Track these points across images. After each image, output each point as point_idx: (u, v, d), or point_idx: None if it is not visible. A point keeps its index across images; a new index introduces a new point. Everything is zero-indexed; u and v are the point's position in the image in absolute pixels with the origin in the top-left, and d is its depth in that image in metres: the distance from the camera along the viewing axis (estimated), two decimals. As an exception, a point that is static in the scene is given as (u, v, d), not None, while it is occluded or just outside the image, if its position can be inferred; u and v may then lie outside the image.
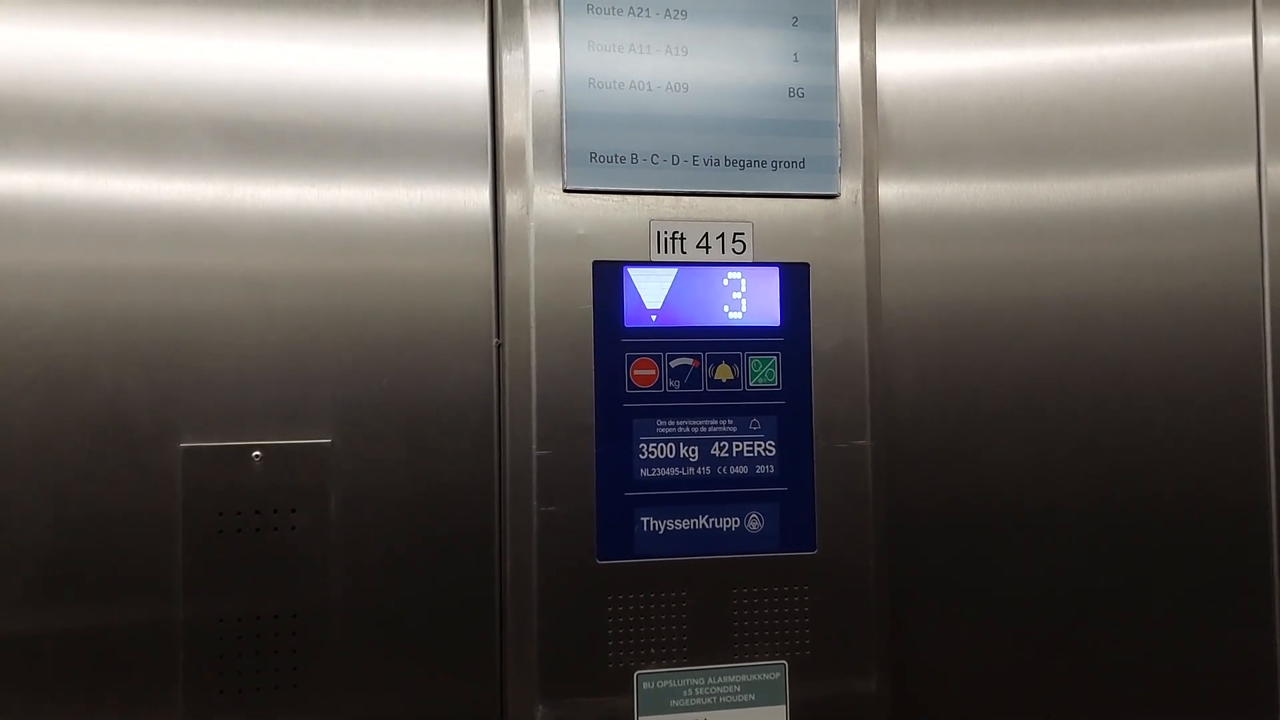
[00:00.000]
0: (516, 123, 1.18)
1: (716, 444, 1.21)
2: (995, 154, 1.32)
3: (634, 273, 1.19)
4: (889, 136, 1.29)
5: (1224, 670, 1.35)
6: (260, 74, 1.15)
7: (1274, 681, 1.36)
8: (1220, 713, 1.35)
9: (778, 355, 1.22)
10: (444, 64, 1.19)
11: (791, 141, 1.22)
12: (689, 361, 1.20)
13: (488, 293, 1.18)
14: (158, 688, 1.11)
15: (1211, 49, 1.38)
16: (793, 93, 1.22)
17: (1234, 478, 1.36)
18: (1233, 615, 1.36)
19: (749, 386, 1.21)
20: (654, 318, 1.19)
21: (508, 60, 1.18)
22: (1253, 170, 1.37)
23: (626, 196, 1.19)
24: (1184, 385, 1.35)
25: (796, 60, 1.22)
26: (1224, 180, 1.37)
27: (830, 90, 1.23)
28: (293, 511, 1.14)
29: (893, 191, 1.29)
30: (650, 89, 1.19)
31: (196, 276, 1.12)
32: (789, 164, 1.22)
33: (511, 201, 1.18)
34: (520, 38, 1.18)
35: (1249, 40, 1.38)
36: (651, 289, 1.19)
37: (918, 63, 1.31)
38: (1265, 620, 1.36)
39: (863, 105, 1.24)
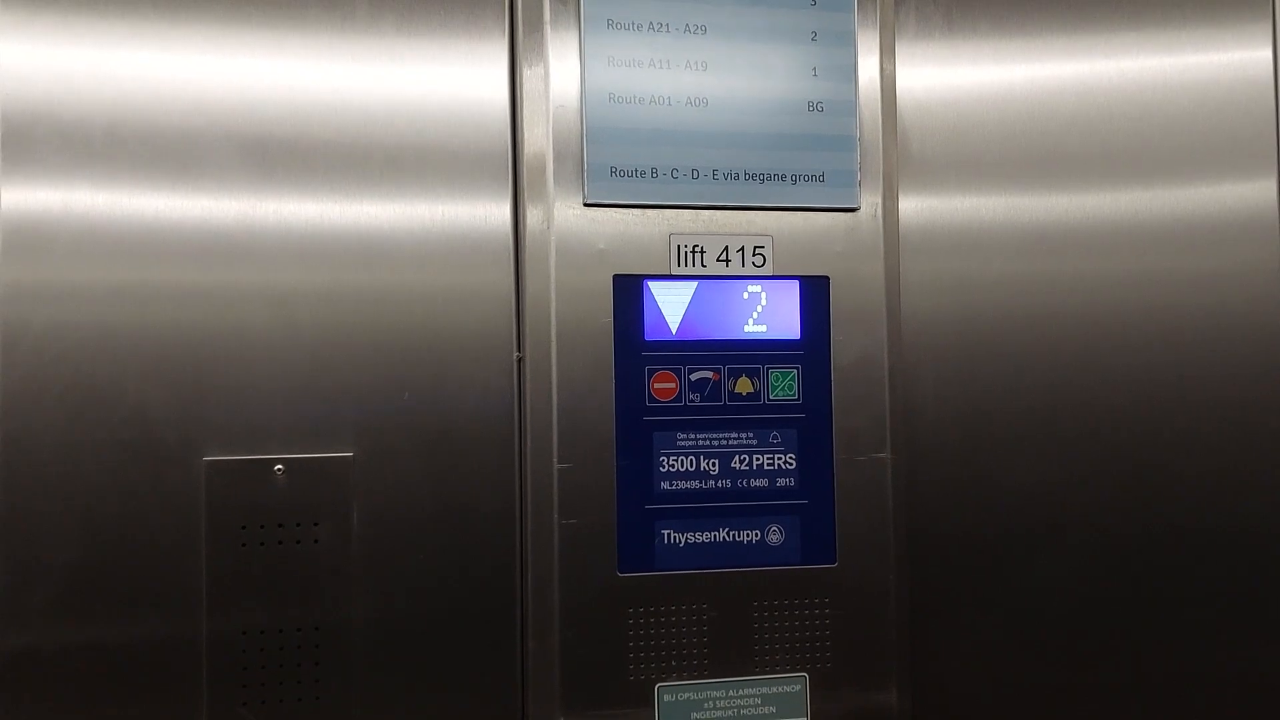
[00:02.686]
0: (537, 138, 1.19)
1: (737, 457, 1.21)
2: (1014, 168, 1.32)
3: (654, 286, 1.20)
4: (908, 151, 1.29)
5: (1249, 688, 1.35)
6: (284, 92, 1.16)
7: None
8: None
9: (798, 368, 1.22)
10: (465, 81, 1.20)
11: (811, 155, 1.22)
12: (709, 375, 1.20)
13: (509, 307, 1.19)
14: (182, 699, 1.11)
15: (1231, 62, 1.37)
16: (812, 107, 1.23)
17: (1256, 493, 1.35)
18: (1259, 633, 1.35)
19: (769, 399, 1.22)
20: (674, 331, 1.20)
21: (528, 76, 1.19)
22: (1273, 184, 1.37)
23: (647, 210, 1.19)
24: (1203, 400, 1.34)
25: (816, 75, 1.23)
26: (1243, 194, 1.36)
27: (850, 105, 1.24)
28: (315, 525, 1.14)
29: (912, 206, 1.29)
30: (670, 104, 1.20)
31: (221, 292, 1.13)
32: (809, 178, 1.22)
33: (532, 216, 1.18)
34: (540, 54, 1.19)
35: (1269, 54, 1.38)
36: (672, 302, 1.20)
37: (937, 77, 1.31)
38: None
39: (882, 119, 1.25)
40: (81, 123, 1.11)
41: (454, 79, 1.19)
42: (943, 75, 1.31)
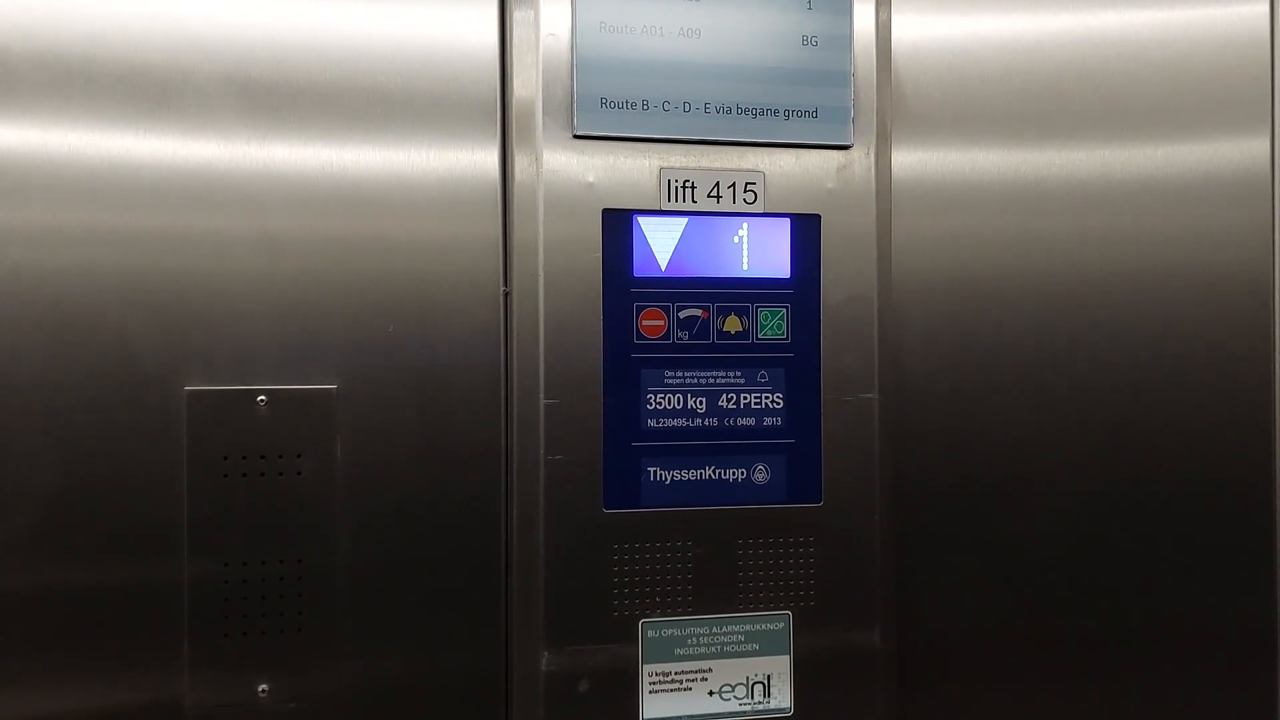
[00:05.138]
0: (527, 67, 1.16)
1: (724, 395, 1.20)
2: (1008, 118, 1.30)
3: (644, 222, 1.18)
4: (902, 96, 1.27)
5: (1221, 626, 1.36)
6: (267, 26, 1.13)
7: (1273, 637, 1.37)
8: (1216, 666, 1.36)
9: (787, 307, 1.21)
10: (455, 18, 1.16)
11: (804, 90, 1.20)
12: (698, 312, 1.19)
13: (496, 239, 1.17)
14: (162, 629, 1.10)
15: (1229, 16, 1.35)
16: (806, 40, 1.21)
17: (1236, 449, 1.35)
18: (1233, 576, 1.36)
19: (758, 338, 1.21)
20: (663, 268, 1.18)
21: (519, 7, 1.16)
22: (1267, 143, 1.36)
23: (637, 144, 1.18)
24: (1190, 355, 1.33)
25: (810, 7, 1.20)
26: (1237, 152, 1.35)
27: (844, 39, 1.22)
28: (298, 457, 1.13)
29: (905, 151, 1.27)
30: (663, 34, 1.17)
31: (203, 228, 1.11)
32: (802, 113, 1.21)
33: (521, 147, 1.16)
34: (532, -18, 1.16)
35: (1266, 8, 1.36)
36: (661, 238, 1.18)
37: (932, 24, 1.28)
38: (1266, 580, 1.36)
39: (876, 56, 1.23)
40: (58, 53, 1.08)
41: (443, 15, 1.16)
42: (938, 22, 1.28)
